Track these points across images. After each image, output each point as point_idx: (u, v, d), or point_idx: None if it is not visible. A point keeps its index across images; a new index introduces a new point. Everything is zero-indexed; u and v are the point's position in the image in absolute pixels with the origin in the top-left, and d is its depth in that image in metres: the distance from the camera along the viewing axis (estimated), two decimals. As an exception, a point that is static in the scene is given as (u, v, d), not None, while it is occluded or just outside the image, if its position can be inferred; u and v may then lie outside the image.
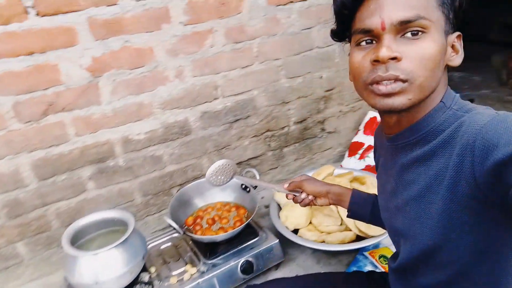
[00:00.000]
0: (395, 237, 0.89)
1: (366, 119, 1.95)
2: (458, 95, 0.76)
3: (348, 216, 1.13)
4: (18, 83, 1.24)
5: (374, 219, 1.07)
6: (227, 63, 1.57)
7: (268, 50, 1.64)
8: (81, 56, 1.31)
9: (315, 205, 1.13)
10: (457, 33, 0.73)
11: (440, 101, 0.73)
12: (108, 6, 1.30)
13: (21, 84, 1.25)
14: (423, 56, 0.67)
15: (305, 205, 1.14)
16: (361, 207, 1.08)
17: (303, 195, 1.12)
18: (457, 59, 0.74)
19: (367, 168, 1.84)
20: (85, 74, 1.33)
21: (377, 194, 1.02)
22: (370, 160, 1.85)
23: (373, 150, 1.07)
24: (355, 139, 1.94)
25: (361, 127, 1.95)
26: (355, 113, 2.00)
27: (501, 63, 3.01)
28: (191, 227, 1.46)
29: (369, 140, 1.90)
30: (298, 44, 1.71)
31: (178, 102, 1.52)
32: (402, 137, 0.78)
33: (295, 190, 1.14)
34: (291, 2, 1.62)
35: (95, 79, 1.35)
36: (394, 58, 0.67)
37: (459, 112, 0.71)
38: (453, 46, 0.73)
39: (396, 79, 0.67)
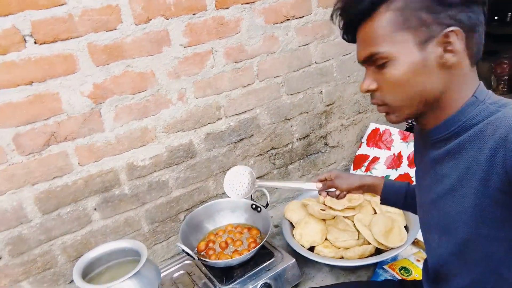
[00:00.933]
0: (427, 233, 0.88)
1: (368, 131, 1.95)
2: (490, 91, 0.75)
3: (381, 203, 1.18)
4: (18, 114, 1.20)
5: (408, 206, 1.12)
6: (229, 83, 1.55)
7: (268, 68, 1.64)
8: (82, 83, 1.28)
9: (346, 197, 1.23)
10: (447, 29, 0.67)
11: (472, 95, 0.73)
12: (108, 31, 1.27)
13: (21, 115, 1.20)
14: (389, 83, 0.73)
15: (340, 199, 1.21)
16: (393, 194, 1.14)
17: (338, 193, 1.18)
18: (450, 59, 0.69)
19: (374, 180, 1.81)
20: (86, 102, 1.30)
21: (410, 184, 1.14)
22: (376, 172, 1.84)
23: (386, 151, 1.10)
24: (359, 152, 1.93)
25: (364, 140, 1.94)
26: (356, 126, 1.99)
27: (489, 71, 3.07)
28: (204, 252, 1.40)
29: (373, 152, 1.89)
30: (297, 61, 1.70)
31: (182, 124, 1.49)
32: (436, 132, 0.78)
33: (329, 189, 1.20)
34: (288, 20, 1.63)
35: (97, 106, 1.32)
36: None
37: (493, 106, 0.70)
38: (448, 43, 0.69)
39: (378, 105, 0.78)
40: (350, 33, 0.78)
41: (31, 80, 1.19)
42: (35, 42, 1.17)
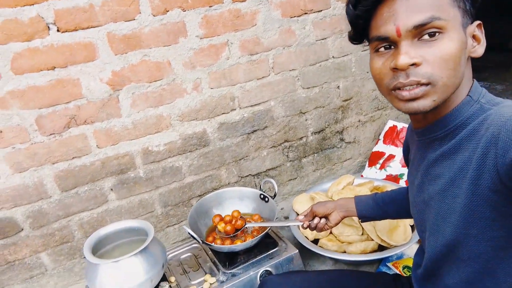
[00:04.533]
0: (422, 232, 0.89)
1: (386, 128, 1.93)
2: (485, 89, 0.75)
3: (362, 222, 1.19)
4: (41, 97, 1.29)
5: (385, 215, 1.15)
6: (244, 75, 1.59)
7: (284, 61, 1.66)
8: (101, 71, 1.35)
9: (330, 227, 1.20)
10: (477, 22, 0.72)
11: (467, 95, 0.73)
12: (126, 21, 1.34)
13: (44, 98, 1.29)
14: (442, 57, 0.66)
15: (320, 230, 1.21)
16: (368, 210, 1.15)
17: (316, 220, 1.19)
18: (479, 50, 0.72)
19: (388, 178, 1.80)
20: (105, 88, 1.37)
21: (377, 192, 1.18)
22: (391, 169, 1.82)
23: (402, 148, 1.10)
24: (375, 149, 1.92)
25: (381, 137, 1.93)
26: (374, 123, 1.98)
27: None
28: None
29: (389, 150, 1.87)
30: (313, 55, 1.71)
31: (196, 113, 1.54)
32: (429, 131, 0.78)
33: (311, 217, 1.22)
34: (306, 13, 1.64)
35: (115, 92, 1.39)
36: (413, 64, 0.67)
37: (486, 105, 0.71)
38: (474, 36, 0.72)
39: (418, 84, 0.67)
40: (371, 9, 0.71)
41: (53, 66, 1.27)
42: (57, 30, 1.25)
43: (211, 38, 1.49)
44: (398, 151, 1.84)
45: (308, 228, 1.23)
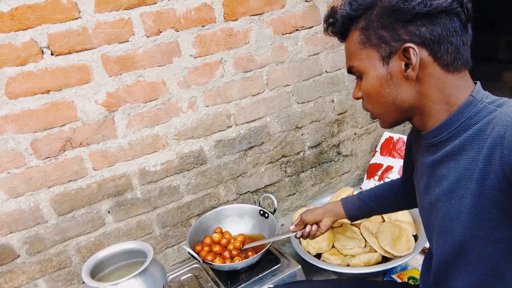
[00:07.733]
0: (430, 234, 0.88)
1: (382, 140, 1.93)
2: (487, 92, 0.75)
3: (351, 222, 1.23)
4: (36, 121, 1.28)
5: (372, 211, 1.20)
6: (238, 92, 1.60)
7: (278, 77, 1.67)
8: (96, 92, 1.35)
9: (321, 233, 1.22)
10: (404, 46, 0.72)
11: (470, 95, 0.73)
12: (120, 43, 1.35)
13: (39, 122, 1.29)
14: (365, 93, 0.80)
15: (313, 237, 1.23)
16: (356, 209, 1.19)
17: (308, 228, 1.21)
18: (411, 73, 0.73)
19: (387, 189, 1.79)
20: (100, 110, 1.37)
21: (362, 191, 1.23)
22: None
23: (401, 157, 1.11)
24: (372, 161, 1.92)
25: (378, 149, 1.93)
26: (370, 135, 1.98)
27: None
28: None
29: (387, 161, 1.87)
30: (307, 70, 1.73)
31: (192, 132, 1.54)
32: (434, 134, 0.78)
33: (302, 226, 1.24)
34: (297, 30, 1.66)
35: (111, 113, 1.39)
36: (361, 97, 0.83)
37: (491, 105, 0.71)
38: (406, 61, 0.73)
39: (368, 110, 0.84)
40: None
41: (48, 89, 1.27)
42: (51, 54, 1.25)
43: (205, 56, 1.50)
44: (395, 162, 1.83)
45: (301, 237, 1.24)
